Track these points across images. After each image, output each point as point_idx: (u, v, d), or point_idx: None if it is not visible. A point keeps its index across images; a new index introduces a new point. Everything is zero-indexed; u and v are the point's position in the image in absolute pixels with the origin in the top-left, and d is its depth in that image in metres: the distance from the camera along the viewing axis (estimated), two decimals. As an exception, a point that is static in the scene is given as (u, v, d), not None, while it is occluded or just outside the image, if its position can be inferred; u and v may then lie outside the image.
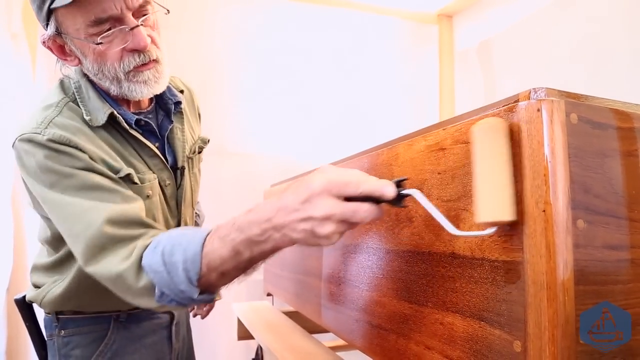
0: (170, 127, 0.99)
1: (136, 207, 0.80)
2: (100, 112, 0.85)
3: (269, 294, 1.70)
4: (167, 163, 0.97)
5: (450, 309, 0.61)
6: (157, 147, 0.95)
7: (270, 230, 0.62)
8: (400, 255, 0.72)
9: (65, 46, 0.83)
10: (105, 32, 0.78)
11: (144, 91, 0.85)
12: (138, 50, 0.81)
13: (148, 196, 0.90)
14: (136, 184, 0.88)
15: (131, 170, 0.87)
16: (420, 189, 0.66)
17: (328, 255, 1.01)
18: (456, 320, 0.60)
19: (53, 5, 0.76)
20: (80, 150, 0.80)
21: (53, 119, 0.81)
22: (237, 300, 1.83)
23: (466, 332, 0.58)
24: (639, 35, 1.45)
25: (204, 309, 1.45)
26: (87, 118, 0.84)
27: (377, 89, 2.34)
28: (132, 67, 0.82)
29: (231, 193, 2.01)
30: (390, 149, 0.76)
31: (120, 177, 0.84)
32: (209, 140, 1.13)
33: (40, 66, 1.78)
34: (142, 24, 0.81)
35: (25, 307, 1.06)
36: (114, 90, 0.85)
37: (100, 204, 0.77)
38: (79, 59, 0.84)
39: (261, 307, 1.66)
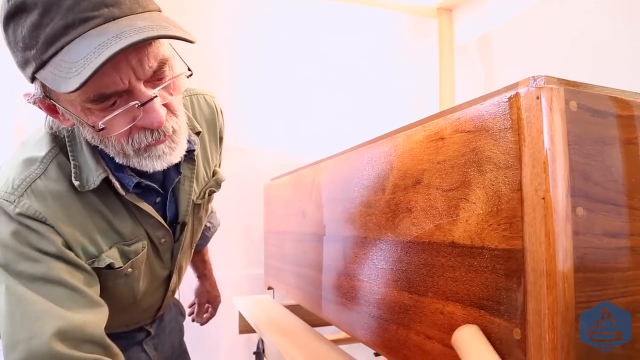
0: (178, 179, 0.84)
1: (97, 319, 0.69)
2: (93, 174, 0.71)
3: (269, 288, 1.71)
4: (166, 220, 0.85)
5: (450, 298, 0.61)
6: (157, 202, 0.84)
7: None
8: (400, 246, 0.72)
9: (57, 108, 0.67)
10: (110, 106, 0.63)
11: (156, 166, 0.71)
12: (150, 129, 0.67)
13: (126, 274, 0.80)
14: (117, 269, 0.77)
15: (112, 257, 0.75)
16: (420, 179, 0.66)
17: (329, 248, 1.01)
18: (456, 309, 0.60)
19: (39, 77, 0.61)
20: (56, 231, 0.68)
21: (33, 182, 0.69)
22: (238, 294, 1.83)
23: (466, 321, 0.58)
24: (639, 27, 1.44)
25: (205, 315, 1.45)
26: (75, 183, 0.71)
27: (376, 83, 2.33)
28: (142, 146, 0.68)
29: (232, 188, 2.00)
30: (389, 140, 0.76)
31: (98, 267, 0.74)
32: (224, 180, 1.02)
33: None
34: (157, 95, 0.65)
35: None
36: (119, 161, 0.70)
37: (57, 309, 0.64)
38: (74, 123, 0.69)
39: (262, 301, 1.66)
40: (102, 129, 0.63)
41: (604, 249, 0.50)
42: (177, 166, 0.83)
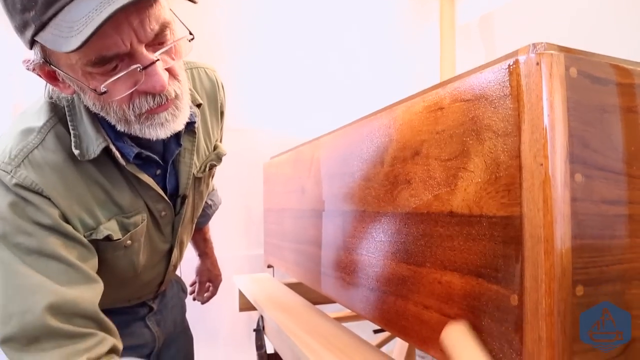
0: (178, 151, 0.84)
1: (91, 294, 0.68)
2: (93, 143, 0.70)
3: (269, 266, 1.72)
4: (167, 192, 0.85)
5: (448, 267, 0.61)
6: (158, 174, 0.83)
7: None
8: (399, 218, 0.72)
9: (57, 74, 0.65)
10: (112, 70, 0.62)
11: (159, 133, 0.69)
12: (152, 93, 0.66)
13: (125, 246, 0.79)
14: (116, 240, 0.76)
15: (110, 229, 0.75)
16: (419, 150, 0.66)
17: (328, 223, 1.01)
18: (454, 278, 0.60)
19: (39, 40, 0.59)
20: (52, 202, 0.68)
21: (30, 152, 0.68)
22: (238, 273, 1.85)
23: (464, 289, 0.58)
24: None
25: (206, 295, 1.45)
26: (75, 152, 0.70)
27: (377, 63, 2.32)
28: (144, 111, 0.67)
29: (231, 168, 2.01)
30: (388, 112, 0.75)
31: (97, 239, 0.73)
32: (224, 154, 1.01)
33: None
34: (158, 59, 0.64)
35: None
36: (120, 128, 0.69)
37: (50, 283, 0.64)
38: (75, 90, 0.68)
39: (262, 279, 1.67)
40: (104, 92, 0.62)
41: (602, 216, 0.50)
42: (177, 138, 0.82)
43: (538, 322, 0.48)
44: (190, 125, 0.83)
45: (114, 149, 0.73)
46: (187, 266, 1.40)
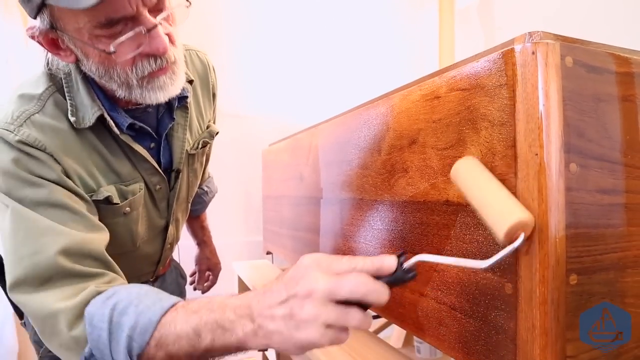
0: (171, 125, 0.87)
1: (99, 239, 0.70)
2: (88, 111, 0.74)
3: (268, 253, 1.73)
4: (161, 166, 0.87)
5: (444, 255, 0.61)
6: (152, 148, 0.85)
7: (245, 317, 0.52)
8: (396, 206, 0.72)
9: (60, 41, 0.69)
10: (117, 34, 0.65)
11: (159, 97, 0.73)
12: (154, 55, 0.69)
13: (125, 213, 0.81)
14: (115, 204, 0.79)
15: (110, 191, 0.77)
16: (416, 139, 0.66)
17: (326, 210, 1.02)
18: (449, 266, 0.60)
19: (49, 2, 0.62)
20: (55, 159, 0.70)
21: (32, 115, 0.71)
22: (237, 259, 1.86)
23: (459, 277, 0.59)
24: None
25: (206, 284, 1.46)
26: (72, 119, 0.73)
27: (376, 48, 2.31)
28: (146, 73, 0.70)
29: (230, 155, 2.01)
30: (385, 101, 0.75)
31: (97, 200, 0.76)
32: (217, 133, 1.03)
33: (33, 28, 1.75)
34: (160, 23, 0.67)
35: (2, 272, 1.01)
36: (121, 94, 0.72)
37: (60, 227, 0.66)
38: (77, 57, 0.70)
39: (261, 265, 1.68)
40: (113, 52, 0.65)
41: (597, 205, 0.51)
42: (170, 113, 0.86)
43: (532, 310, 0.48)
44: (182, 100, 0.87)
45: (108, 118, 0.75)
46: (187, 256, 1.41)
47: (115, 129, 0.76)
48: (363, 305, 0.50)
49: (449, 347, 0.61)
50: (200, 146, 0.97)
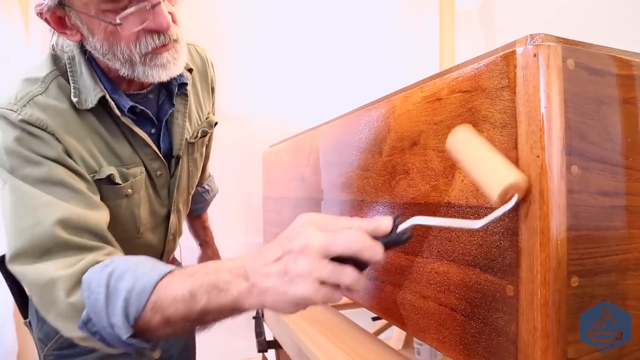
0: (171, 111, 0.89)
1: (99, 216, 0.72)
2: (91, 93, 0.76)
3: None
4: (161, 151, 0.89)
5: (445, 257, 0.62)
6: (152, 133, 0.87)
7: (239, 277, 0.53)
8: (397, 208, 0.72)
9: (67, 19, 0.71)
10: (122, 9, 0.67)
11: (161, 75, 0.75)
12: (158, 31, 0.71)
13: (127, 195, 0.83)
14: (117, 184, 0.80)
15: (112, 170, 0.79)
16: (417, 141, 0.66)
17: (326, 212, 1.02)
18: (451, 268, 0.61)
19: None
20: (56, 139, 0.72)
21: (35, 96, 0.73)
22: (237, 261, 1.85)
23: (460, 279, 0.59)
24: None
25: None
26: (74, 100, 0.75)
27: (376, 50, 2.31)
28: (150, 49, 0.72)
29: (230, 156, 2.01)
30: (386, 102, 0.75)
31: (99, 179, 0.77)
32: (216, 123, 1.05)
33: (34, 28, 1.75)
34: (163, 0, 0.70)
35: (4, 265, 1.02)
36: (124, 72, 0.74)
37: (58, 202, 0.68)
38: (82, 34, 0.73)
39: (261, 268, 1.67)
40: (119, 23, 0.68)
41: (598, 207, 0.51)
42: (170, 99, 0.88)
43: (533, 312, 0.48)
44: (182, 87, 0.89)
45: (110, 100, 0.77)
46: (189, 257, 1.41)
47: (117, 111, 0.78)
48: (359, 266, 0.50)
49: (449, 349, 0.61)
50: (199, 135, 0.99)
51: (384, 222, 0.50)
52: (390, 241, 0.50)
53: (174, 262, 1.19)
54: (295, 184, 1.27)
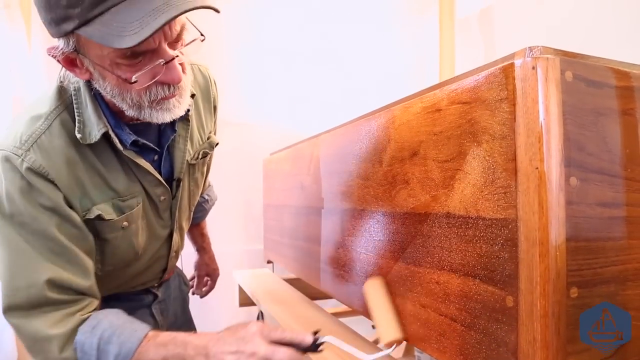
0: (173, 137, 0.90)
1: (81, 272, 0.78)
2: (94, 128, 0.78)
3: (269, 262, 1.73)
4: (162, 175, 0.91)
5: (446, 268, 0.62)
6: (155, 160, 0.89)
7: (202, 355, 0.69)
8: (397, 218, 0.73)
9: (79, 61, 0.73)
10: (137, 64, 0.70)
11: (166, 117, 0.78)
12: (169, 84, 0.74)
13: (123, 228, 0.86)
14: (108, 220, 0.83)
15: (101, 209, 0.81)
16: (417, 151, 0.67)
17: (327, 221, 1.02)
18: (451, 278, 0.61)
19: (82, 33, 0.66)
20: (56, 186, 0.75)
21: (39, 137, 0.75)
22: (238, 269, 1.85)
23: (461, 289, 0.59)
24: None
25: (204, 289, 1.47)
26: (78, 135, 0.77)
27: (376, 57, 2.32)
28: (159, 98, 0.75)
29: (231, 163, 2.02)
30: (387, 112, 0.76)
31: (89, 218, 0.80)
32: (217, 144, 1.06)
33: (36, 36, 1.76)
34: (178, 55, 0.73)
35: None
36: (130, 113, 0.77)
37: (48, 263, 0.75)
38: (92, 75, 0.74)
39: (262, 274, 1.68)
40: (135, 82, 0.70)
41: (597, 218, 0.51)
42: (172, 125, 0.90)
43: (533, 323, 0.48)
44: (184, 113, 0.88)
45: (112, 135, 0.79)
46: (187, 262, 1.41)
47: (119, 145, 0.80)
48: None
49: (449, 359, 0.61)
50: (200, 156, 1.00)
51: (306, 338, 0.69)
52: (307, 350, 0.69)
53: (173, 271, 1.20)
54: (296, 192, 1.27)
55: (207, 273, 1.47)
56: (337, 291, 0.98)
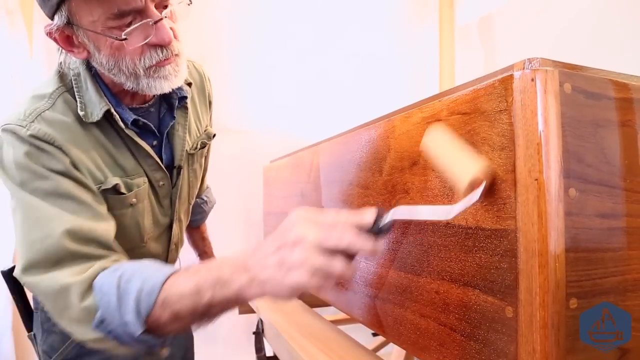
0: (172, 123, 0.93)
1: (104, 226, 0.76)
2: (96, 107, 0.79)
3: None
4: (163, 162, 0.92)
5: (445, 278, 0.62)
6: (154, 145, 0.91)
7: (240, 270, 0.58)
8: (397, 227, 0.73)
9: (74, 37, 0.75)
10: (127, 25, 0.72)
11: (164, 87, 0.79)
12: (161, 45, 0.75)
13: (132, 204, 0.86)
14: (122, 194, 0.83)
15: (117, 180, 0.82)
16: (417, 161, 0.67)
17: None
18: (451, 288, 0.61)
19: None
20: (63, 152, 0.75)
21: (43, 112, 0.76)
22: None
23: (460, 299, 0.59)
24: (639, 5, 1.44)
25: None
26: (81, 113, 0.78)
27: (377, 64, 2.33)
28: (153, 63, 0.76)
29: (231, 170, 2.02)
30: (387, 122, 0.76)
31: (105, 189, 0.80)
32: (214, 135, 1.08)
33: (37, 42, 1.77)
34: (165, 17, 0.75)
35: (11, 278, 1.02)
36: (129, 86, 0.78)
37: (66, 214, 0.72)
38: (89, 52, 0.77)
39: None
40: (125, 39, 0.72)
41: (596, 229, 0.51)
42: (171, 112, 0.93)
43: (532, 334, 0.48)
44: (182, 101, 0.93)
45: (114, 113, 0.81)
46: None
47: (121, 123, 0.82)
48: (348, 256, 0.54)
49: (449, 369, 0.61)
50: (199, 147, 1.03)
51: (366, 216, 0.55)
52: (374, 231, 0.55)
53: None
54: (296, 200, 1.27)
55: None
56: (337, 300, 0.98)
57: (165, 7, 0.76)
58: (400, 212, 0.56)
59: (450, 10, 2.45)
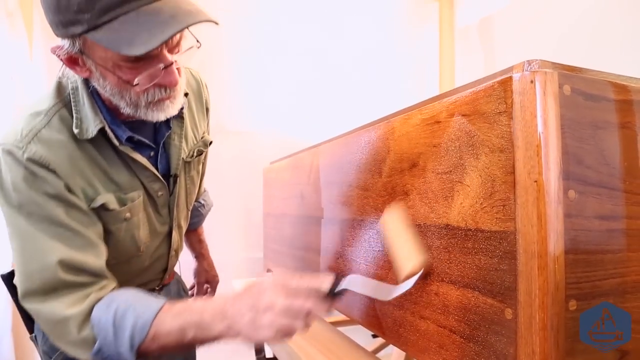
0: (168, 133, 0.94)
1: (95, 255, 0.80)
2: (91, 124, 0.80)
3: (269, 270, 1.72)
4: (159, 171, 0.93)
5: (445, 279, 0.62)
6: (151, 156, 0.92)
7: (219, 317, 0.69)
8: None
9: (81, 61, 0.76)
10: (138, 68, 0.73)
11: (160, 117, 0.82)
12: (166, 86, 0.78)
13: (125, 219, 0.88)
14: (112, 210, 0.85)
15: (106, 198, 0.84)
16: (416, 162, 0.67)
17: (326, 230, 1.02)
18: (450, 290, 0.61)
19: (91, 37, 0.69)
20: (57, 175, 0.77)
21: (39, 131, 0.77)
22: (237, 277, 1.85)
23: (460, 301, 0.59)
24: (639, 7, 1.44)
25: (204, 296, 1.46)
26: (75, 131, 0.79)
27: (377, 66, 2.33)
28: (156, 99, 0.79)
29: (231, 171, 2.02)
30: (386, 124, 0.76)
31: (94, 207, 0.82)
32: (211, 142, 1.09)
33: (37, 44, 1.77)
34: (176, 60, 0.77)
35: (11, 283, 0.99)
36: (126, 111, 0.80)
37: (59, 245, 0.76)
38: (91, 73, 0.77)
39: (261, 284, 1.67)
40: (137, 84, 0.74)
41: (595, 231, 0.51)
42: (167, 122, 0.93)
43: (532, 336, 0.48)
44: (179, 111, 0.91)
45: (109, 131, 0.82)
46: (184, 269, 1.41)
47: (115, 141, 0.83)
48: (307, 314, 0.67)
49: (449, 371, 0.61)
50: (195, 155, 1.03)
51: (325, 283, 0.68)
52: (330, 295, 0.67)
53: (173, 276, 1.20)
54: (296, 202, 1.27)
55: (207, 280, 1.47)
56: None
57: (176, 47, 0.78)
58: (353, 283, 0.69)
59: (450, 11, 2.45)
